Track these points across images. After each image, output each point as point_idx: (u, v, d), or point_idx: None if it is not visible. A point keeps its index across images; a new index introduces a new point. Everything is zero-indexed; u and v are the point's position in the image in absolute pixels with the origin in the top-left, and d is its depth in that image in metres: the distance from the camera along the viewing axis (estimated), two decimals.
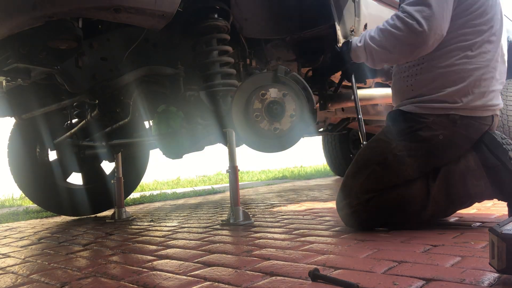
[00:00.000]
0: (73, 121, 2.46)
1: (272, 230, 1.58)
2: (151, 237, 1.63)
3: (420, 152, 1.34)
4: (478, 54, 1.31)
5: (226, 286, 0.89)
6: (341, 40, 2.07)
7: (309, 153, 8.53)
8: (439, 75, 1.33)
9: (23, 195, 3.34)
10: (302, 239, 1.35)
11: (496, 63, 1.34)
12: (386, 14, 2.36)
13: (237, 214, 1.80)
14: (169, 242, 1.48)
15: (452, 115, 1.30)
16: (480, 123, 1.32)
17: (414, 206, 1.33)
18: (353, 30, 2.17)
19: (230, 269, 1.03)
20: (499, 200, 1.31)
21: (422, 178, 1.35)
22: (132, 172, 2.93)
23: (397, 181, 1.36)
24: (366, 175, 1.38)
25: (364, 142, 1.76)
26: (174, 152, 2.07)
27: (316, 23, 2.02)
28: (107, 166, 2.77)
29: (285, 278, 0.91)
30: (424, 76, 1.36)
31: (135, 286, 0.96)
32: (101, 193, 2.72)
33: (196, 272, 1.03)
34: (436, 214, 1.35)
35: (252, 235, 1.49)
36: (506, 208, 1.28)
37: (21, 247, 1.66)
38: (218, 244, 1.36)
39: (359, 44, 1.43)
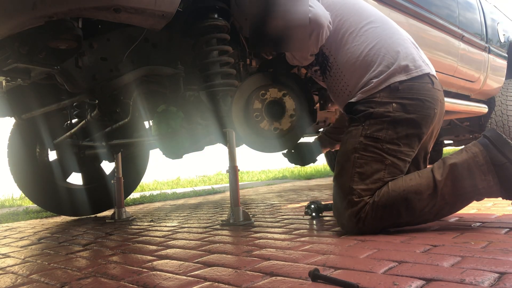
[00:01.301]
0: (73, 121, 2.46)
1: (272, 230, 1.58)
2: (151, 237, 1.63)
3: (386, 124, 1.38)
4: (364, 34, 1.48)
5: (226, 286, 0.89)
6: None
7: None
8: (357, 67, 1.46)
9: (23, 195, 3.34)
10: (302, 239, 1.35)
11: (393, 30, 1.51)
12: (385, 13, 2.36)
13: (237, 214, 1.80)
14: (169, 242, 1.48)
15: (392, 84, 1.40)
16: (420, 82, 1.41)
17: (421, 202, 1.29)
18: None
19: (230, 269, 1.03)
20: (505, 199, 1.30)
21: (428, 172, 1.33)
22: (132, 172, 2.93)
23: (384, 162, 1.37)
24: (351, 166, 1.39)
25: None
26: (174, 152, 2.06)
27: None
28: (107, 166, 2.77)
29: (285, 278, 0.91)
30: (349, 76, 1.50)
31: (135, 286, 0.96)
32: (101, 193, 2.72)
33: (196, 272, 1.03)
34: (444, 211, 1.33)
35: (252, 235, 1.49)
36: (506, 208, 1.28)
37: (21, 247, 1.66)
38: (218, 244, 1.36)
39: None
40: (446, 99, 3.24)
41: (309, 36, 1.49)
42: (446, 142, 5.73)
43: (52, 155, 2.59)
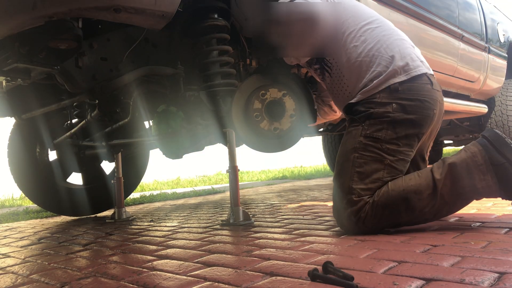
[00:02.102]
0: (73, 121, 2.46)
1: (272, 230, 1.58)
2: (151, 237, 1.63)
3: (385, 124, 1.38)
4: (363, 34, 1.48)
5: (226, 286, 0.89)
6: None
7: (309, 153, 8.54)
8: (356, 67, 1.46)
9: (23, 195, 3.34)
10: (302, 239, 1.35)
11: (391, 31, 1.51)
12: (385, 13, 2.36)
13: (237, 214, 1.80)
14: (169, 242, 1.48)
15: (391, 85, 1.40)
16: (419, 83, 1.41)
17: (421, 202, 1.30)
18: None
19: (230, 269, 1.03)
20: (504, 199, 1.30)
21: (427, 172, 1.33)
22: (132, 172, 2.93)
23: (383, 162, 1.37)
24: (351, 166, 1.39)
25: None
26: (174, 152, 2.06)
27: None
28: (107, 166, 2.77)
29: (285, 278, 0.91)
30: (348, 77, 1.49)
31: (135, 286, 0.96)
32: (101, 193, 2.72)
33: (196, 272, 1.03)
34: (443, 211, 1.33)
35: (252, 235, 1.49)
36: (506, 208, 1.28)
37: (21, 247, 1.66)
38: (218, 244, 1.36)
39: None
40: (446, 99, 3.25)
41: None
42: (446, 142, 5.73)
43: (52, 155, 2.59)
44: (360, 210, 1.33)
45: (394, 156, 1.38)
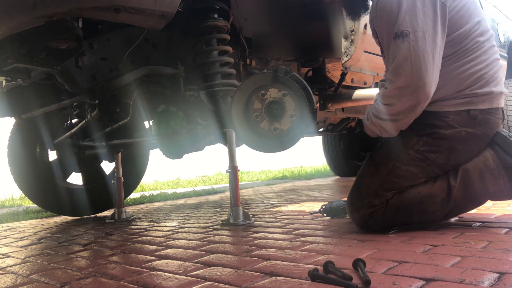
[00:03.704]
0: (73, 121, 2.46)
1: (272, 230, 1.58)
2: (151, 237, 1.63)
3: (442, 148, 1.32)
4: (484, 45, 1.34)
5: (226, 286, 0.89)
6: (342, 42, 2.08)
7: (309, 153, 8.54)
8: (452, 78, 1.33)
9: (23, 195, 3.34)
10: (302, 239, 1.35)
11: (497, 54, 1.39)
12: None
13: (237, 214, 1.80)
14: (169, 242, 1.48)
15: (472, 110, 1.31)
16: (496, 117, 1.33)
17: (434, 206, 1.31)
18: (353, 30, 2.17)
19: (230, 269, 1.03)
20: None
21: (443, 177, 1.33)
22: (132, 172, 2.93)
23: (419, 179, 1.34)
24: (387, 172, 1.35)
25: None
26: (174, 152, 2.06)
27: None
28: (107, 166, 2.77)
29: (285, 278, 0.91)
30: (446, 80, 1.34)
31: (135, 286, 0.96)
32: (101, 193, 2.72)
33: (196, 272, 1.03)
34: (453, 213, 1.34)
35: (252, 235, 1.49)
36: (506, 208, 1.28)
37: (21, 247, 1.66)
38: (218, 244, 1.36)
39: (367, 123, 1.43)
40: None
41: None
42: None
43: (52, 155, 2.59)
44: (376, 212, 1.34)
45: (431, 176, 1.35)
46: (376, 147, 1.48)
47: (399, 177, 1.34)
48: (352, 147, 1.54)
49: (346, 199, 1.47)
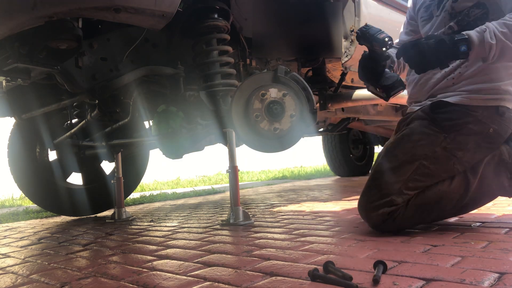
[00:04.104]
0: (73, 121, 2.46)
1: (272, 230, 1.58)
2: (151, 237, 1.63)
3: (470, 145, 1.30)
4: None
5: (226, 286, 0.89)
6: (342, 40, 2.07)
7: (309, 153, 8.54)
8: (487, 70, 1.30)
9: (23, 195, 3.34)
10: (302, 239, 1.35)
11: None
12: (385, 13, 2.36)
13: (237, 214, 1.80)
14: (169, 242, 1.48)
15: (501, 107, 1.29)
16: None
17: (452, 202, 1.29)
18: (352, 29, 2.17)
19: (230, 269, 1.03)
20: None
21: (462, 173, 1.31)
22: (132, 172, 2.93)
23: (444, 176, 1.31)
24: (413, 170, 1.29)
25: None
26: (174, 152, 2.06)
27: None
28: (107, 166, 2.77)
29: (285, 278, 0.91)
30: (470, 70, 1.33)
31: (135, 286, 0.96)
32: (101, 193, 2.72)
33: (196, 272, 1.03)
34: (467, 208, 1.33)
35: (252, 235, 1.49)
36: (506, 208, 1.28)
37: (21, 247, 1.66)
38: (218, 244, 1.36)
39: (492, 42, 1.19)
40: None
41: None
42: None
43: (52, 155, 2.59)
44: (396, 211, 1.28)
45: (454, 172, 1.32)
46: (396, 140, 1.39)
47: (425, 175, 1.30)
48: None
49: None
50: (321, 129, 3.63)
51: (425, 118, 1.37)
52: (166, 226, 1.94)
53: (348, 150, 4.93)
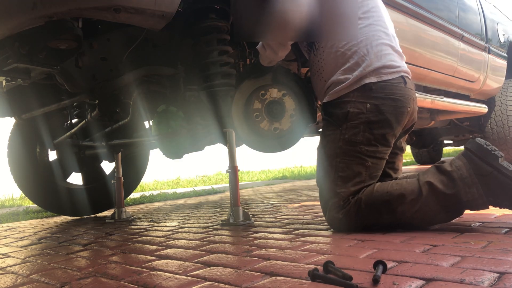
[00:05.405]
0: (73, 121, 2.46)
1: (272, 230, 1.58)
2: (151, 237, 1.63)
3: (362, 127, 1.40)
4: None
5: (226, 286, 0.89)
6: None
7: (309, 153, 8.54)
8: (336, 57, 1.48)
9: (23, 195, 3.34)
10: (302, 239, 1.35)
11: (380, 33, 1.49)
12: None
13: (237, 214, 1.80)
14: (169, 242, 1.48)
15: (366, 84, 1.41)
16: (393, 83, 1.43)
17: (403, 206, 1.31)
18: None
19: (230, 269, 1.03)
20: (495, 207, 1.27)
21: (415, 180, 1.33)
22: (132, 172, 2.93)
23: (366, 163, 1.40)
24: (334, 171, 1.42)
25: None
26: (174, 152, 2.07)
27: None
28: (107, 166, 2.77)
29: (285, 278, 0.91)
30: (326, 62, 1.51)
31: (135, 286, 0.96)
32: (101, 193, 2.72)
33: (196, 272, 1.03)
34: (432, 219, 1.33)
35: (252, 235, 1.49)
36: (506, 209, 1.28)
37: (21, 247, 1.66)
38: (218, 244, 1.36)
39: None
40: (446, 99, 3.25)
41: None
42: (446, 142, 5.72)
43: (52, 155, 2.59)
44: (344, 209, 1.39)
45: (374, 157, 1.42)
46: (317, 150, 1.54)
47: (346, 170, 1.41)
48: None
49: None
50: (321, 129, 3.62)
51: (323, 122, 1.54)
52: (166, 226, 1.94)
53: None
